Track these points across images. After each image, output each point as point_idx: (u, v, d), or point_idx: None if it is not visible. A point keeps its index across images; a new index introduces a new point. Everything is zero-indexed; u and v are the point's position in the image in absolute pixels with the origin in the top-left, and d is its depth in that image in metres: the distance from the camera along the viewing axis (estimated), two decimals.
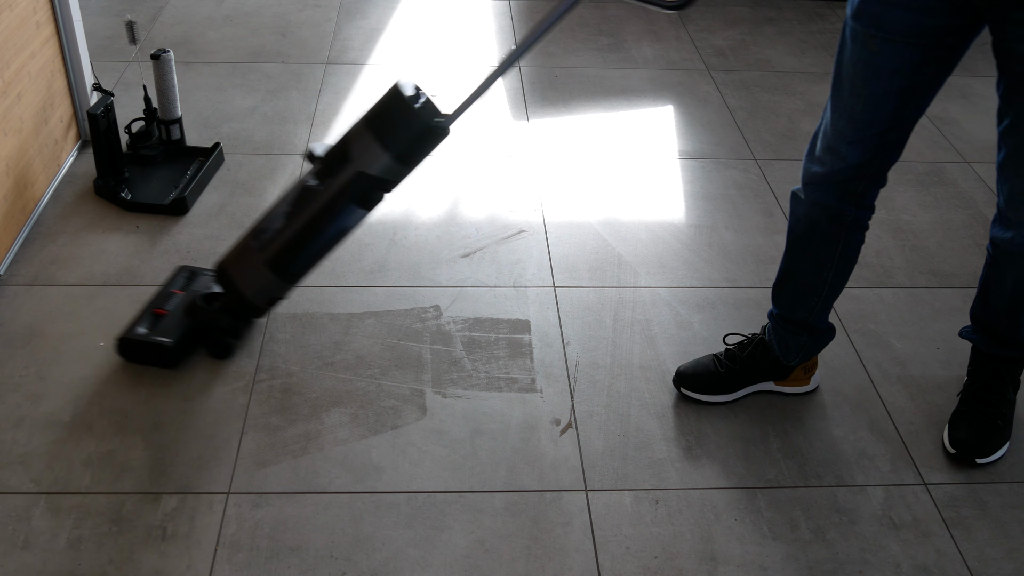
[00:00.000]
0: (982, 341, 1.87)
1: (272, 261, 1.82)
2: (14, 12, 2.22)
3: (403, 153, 1.70)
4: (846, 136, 1.64)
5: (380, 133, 1.68)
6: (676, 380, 1.96)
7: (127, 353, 1.94)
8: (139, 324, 1.96)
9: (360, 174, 1.71)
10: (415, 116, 1.67)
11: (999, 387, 1.86)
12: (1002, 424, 1.84)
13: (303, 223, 1.77)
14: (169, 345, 1.92)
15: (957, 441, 1.83)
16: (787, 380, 1.96)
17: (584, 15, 3.65)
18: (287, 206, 1.79)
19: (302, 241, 1.80)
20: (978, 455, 1.81)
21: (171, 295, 2.03)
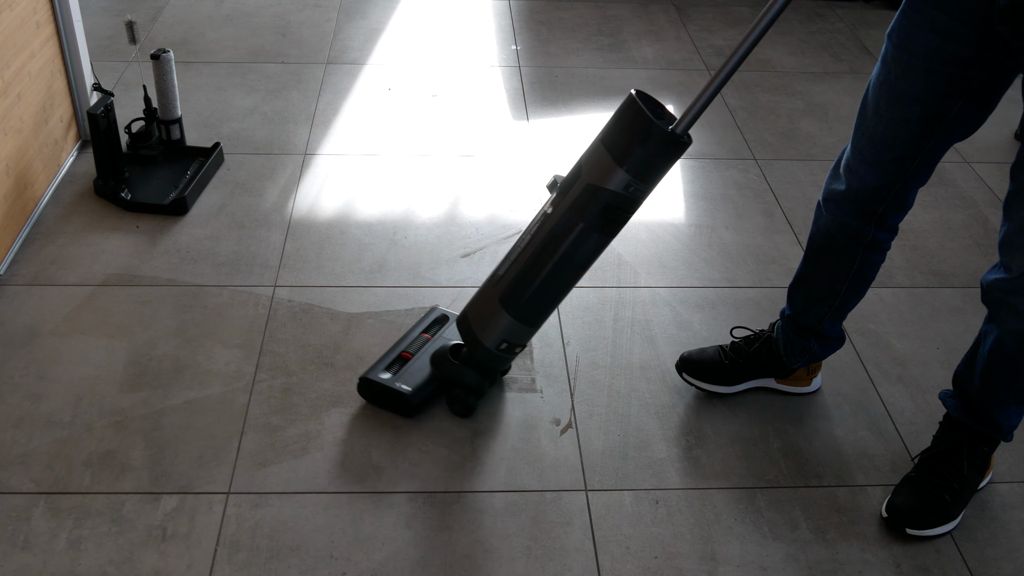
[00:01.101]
0: (954, 406, 1.73)
1: (504, 296, 1.71)
2: (14, 12, 2.22)
3: (638, 167, 1.55)
4: (866, 157, 1.63)
5: (612, 146, 1.54)
6: (679, 365, 1.95)
7: (367, 394, 1.87)
8: (384, 366, 1.88)
9: (590, 187, 1.57)
10: (648, 126, 1.51)
11: (955, 460, 1.71)
12: (950, 500, 1.68)
13: (534, 251, 1.66)
14: (408, 395, 1.83)
15: (893, 506, 1.70)
16: (789, 379, 1.96)
17: (584, 15, 3.65)
18: (523, 238, 1.70)
19: (533, 271, 1.67)
20: (911, 526, 1.67)
21: (422, 340, 1.95)
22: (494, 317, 1.74)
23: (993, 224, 2.54)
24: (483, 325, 1.76)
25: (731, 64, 1.50)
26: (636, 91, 1.55)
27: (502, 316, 1.73)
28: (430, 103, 3.01)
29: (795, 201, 2.60)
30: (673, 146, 1.55)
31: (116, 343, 2.00)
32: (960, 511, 1.71)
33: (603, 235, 1.64)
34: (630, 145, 1.54)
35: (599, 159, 1.57)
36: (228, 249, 2.30)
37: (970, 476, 1.72)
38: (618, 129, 1.57)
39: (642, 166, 1.55)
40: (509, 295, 1.71)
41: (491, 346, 1.77)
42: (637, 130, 1.53)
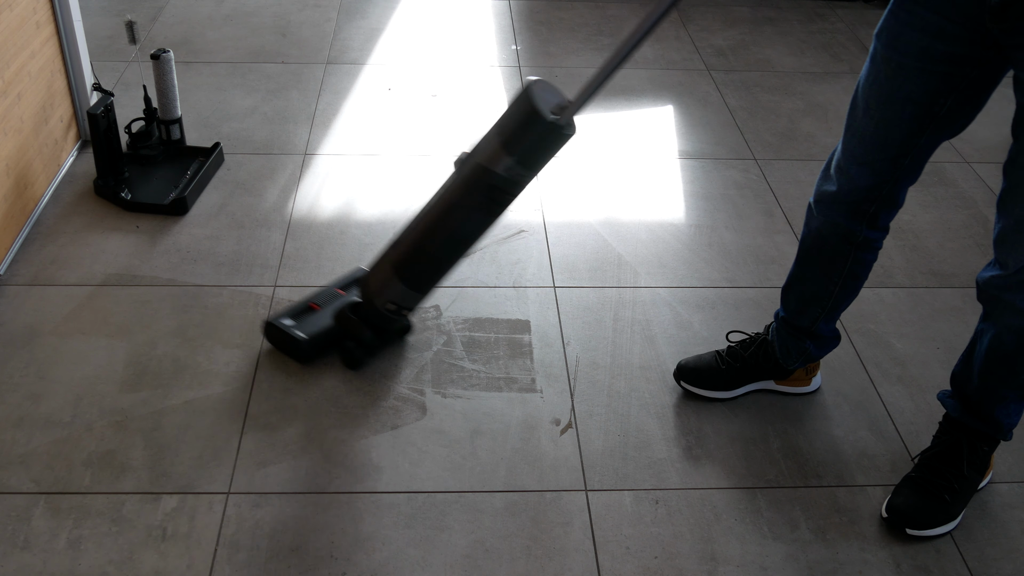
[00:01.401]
0: (953, 406, 1.73)
1: (396, 262, 1.83)
2: (14, 12, 2.22)
3: (524, 155, 1.63)
4: (856, 157, 1.62)
5: (501, 131, 1.63)
6: (677, 374, 1.96)
7: (269, 336, 2.00)
8: (289, 314, 2.00)
9: (479, 167, 1.66)
10: (535, 116, 1.58)
11: (955, 460, 1.71)
12: (949, 500, 1.68)
13: (427, 224, 1.77)
14: (303, 342, 1.95)
15: (892, 507, 1.70)
16: (788, 380, 1.96)
17: (584, 15, 3.65)
18: (423, 208, 1.79)
19: (423, 243, 1.79)
20: (911, 526, 1.67)
21: (333, 295, 2.05)
22: (387, 280, 1.85)
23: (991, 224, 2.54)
24: (376, 285, 1.88)
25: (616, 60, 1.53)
26: (536, 79, 1.63)
27: (392, 280, 1.84)
28: (430, 103, 3.01)
29: (795, 201, 2.60)
30: (554, 136, 1.61)
31: (116, 343, 2.00)
32: (960, 511, 1.71)
33: (486, 215, 1.74)
34: (515, 132, 1.62)
35: (488, 141, 1.66)
36: (228, 249, 2.30)
37: (970, 476, 1.72)
38: (509, 116, 1.64)
39: (525, 152, 1.64)
40: (401, 261, 1.83)
41: (379, 305, 1.89)
42: (524, 119, 1.60)
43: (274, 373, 1.95)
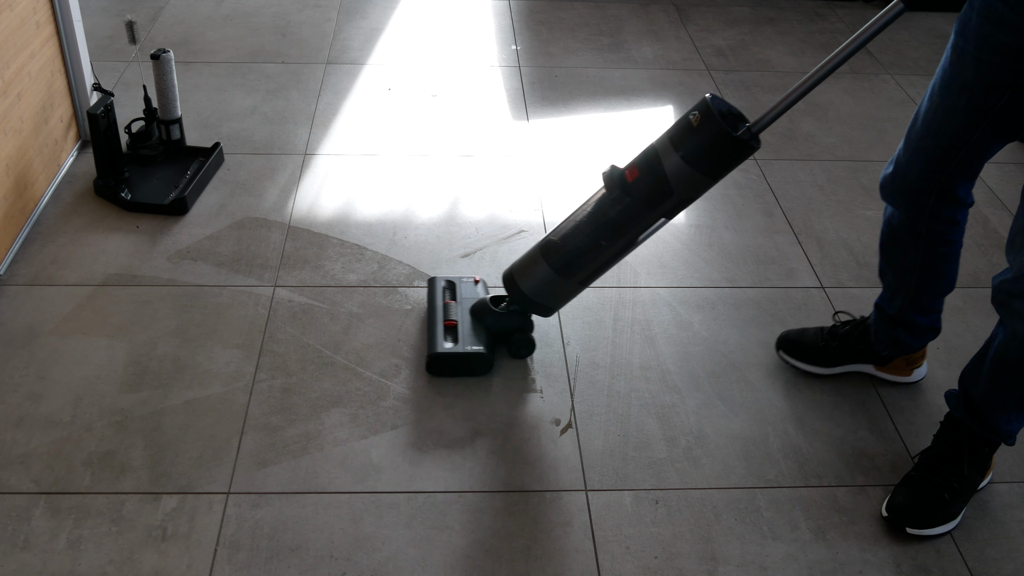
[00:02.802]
0: (956, 406, 1.74)
1: (545, 247, 1.87)
2: (14, 12, 2.22)
3: (720, 175, 1.70)
4: (911, 142, 1.66)
5: (703, 167, 1.67)
6: (778, 344, 2.02)
7: (440, 368, 1.95)
8: (442, 339, 1.96)
9: (683, 201, 1.73)
10: (735, 143, 1.63)
11: (956, 460, 1.71)
12: (949, 499, 1.69)
13: (622, 245, 1.80)
14: (486, 353, 1.94)
15: (892, 506, 1.70)
16: (888, 367, 1.99)
17: (584, 15, 3.65)
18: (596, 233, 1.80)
19: (573, 229, 1.83)
20: (911, 524, 1.68)
21: (449, 306, 2.04)
22: (533, 262, 1.89)
23: (993, 224, 2.54)
24: (522, 268, 1.91)
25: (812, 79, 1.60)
26: (710, 104, 1.64)
27: (539, 262, 1.87)
28: (430, 103, 3.01)
29: (795, 201, 2.60)
30: (749, 150, 1.67)
31: (116, 343, 2.00)
32: (960, 511, 1.71)
33: (644, 207, 1.76)
34: (717, 161, 1.67)
35: (695, 181, 1.69)
36: (228, 249, 2.30)
37: (970, 476, 1.72)
38: (705, 149, 1.66)
39: (723, 173, 1.71)
40: (549, 245, 1.87)
41: (525, 289, 1.91)
42: (722, 147, 1.65)
43: (274, 373, 1.95)
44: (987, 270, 2.37)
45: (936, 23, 3.71)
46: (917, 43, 3.56)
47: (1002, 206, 2.61)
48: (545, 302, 1.93)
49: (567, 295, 1.93)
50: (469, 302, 2.06)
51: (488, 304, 2.01)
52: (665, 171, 1.68)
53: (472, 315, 2.02)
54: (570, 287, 1.89)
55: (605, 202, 1.78)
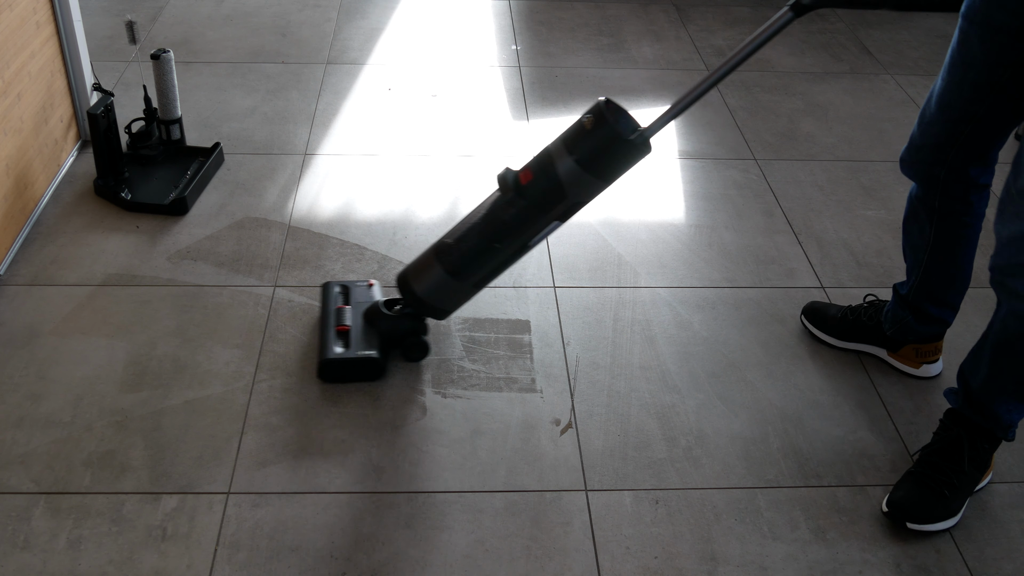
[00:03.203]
0: (955, 399, 1.76)
1: (439, 249, 1.85)
2: (14, 12, 2.22)
3: (612, 178, 1.72)
4: (926, 116, 1.74)
5: (596, 170, 1.68)
6: (803, 311, 2.14)
7: (331, 375, 1.92)
8: (333, 345, 1.93)
9: (575, 204, 1.74)
10: (627, 146, 1.66)
11: (956, 456, 1.72)
12: (949, 495, 1.69)
13: (516, 247, 1.80)
14: (378, 357, 1.92)
15: (893, 501, 1.71)
16: (898, 354, 2.03)
17: (584, 15, 3.65)
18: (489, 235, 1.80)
19: (468, 231, 1.83)
20: (911, 519, 1.68)
21: (342, 311, 2.01)
22: (427, 264, 1.86)
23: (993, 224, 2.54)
24: (415, 270, 1.89)
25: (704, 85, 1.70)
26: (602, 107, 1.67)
27: (433, 265, 1.85)
28: (430, 103, 3.01)
29: (795, 201, 2.60)
30: (641, 153, 1.70)
31: (116, 343, 2.00)
32: (960, 508, 1.71)
33: (537, 211, 1.76)
34: (610, 164, 1.69)
35: (587, 183, 1.70)
36: (228, 249, 2.30)
37: (970, 473, 1.72)
38: (599, 152, 1.68)
39: (616, 175, 1.73)
40: (443, 247, 1.85)
41: (419, 292, 1.89)
42: (615, 150, 1.67)
43: (274, 373, 1.95)
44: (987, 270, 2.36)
45: (936, 23, 3.72)
46: (917, 43, 3.56)
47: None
48: (439, 304, 1.91)
49: (461, 298, 1.91)
50: (363, 306, 2.02)
51: (380, 308, 1.98)
52: (558, 174, 1.69)
53: (365, 319, 1.99)
54: (464, 289, 1.88)
55: (499, 204, 1.78)
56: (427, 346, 1.98)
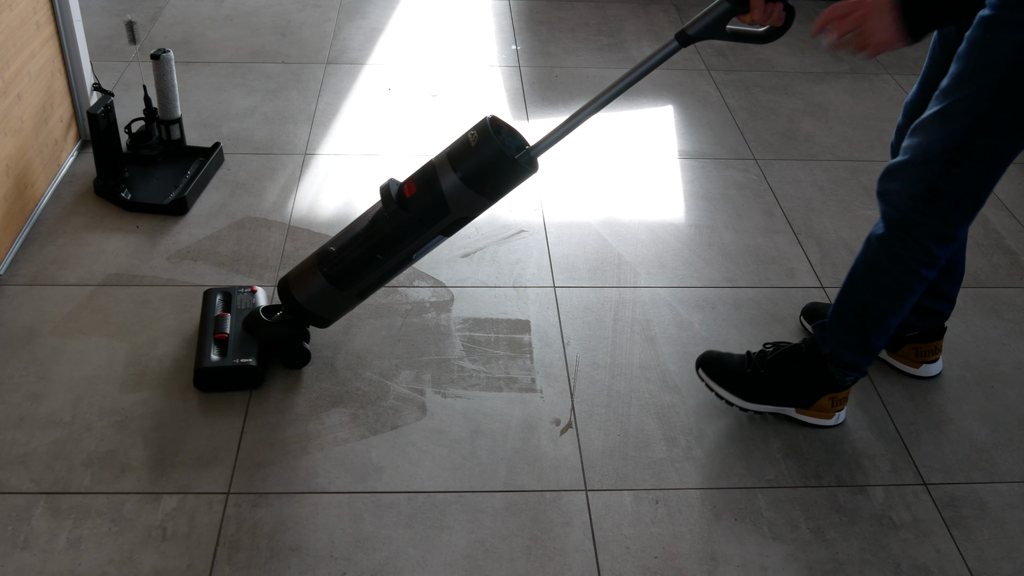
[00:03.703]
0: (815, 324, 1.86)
1: (321, 256, 1.82)
2: (14, 12, 2.22)
3: (497, 196, 1.72)
4: (908, 100, 1.81)
5: (480, 188, 1.68)
6: (802, 314, 2.14)
7: (207, 384, 1.89)
8: (208, 353, 1.90)
9: (460, 220, 1.73)
10: (512, 165, 1.65)
11: (783, 356, 1.86)
12: (749, 373, 1.86)
13: (398, 260, 1.79)
14: (255, 366, 1.89)
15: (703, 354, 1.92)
16: (897, 354, 2.02)
17: (584, 15, 3.65)
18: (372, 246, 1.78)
19: (392, 272, 1.82)
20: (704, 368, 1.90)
21: (222, 318, 1.98)
22: (309, 272, 1.84)
23: (993, 224, 2.54)
24: (297, 278, 1.86)
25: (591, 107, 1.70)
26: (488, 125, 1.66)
27: (315, 273, 1.83)
28: (430, 103, 3.01)
29: (795, 201, 2.60)
30: (526, 173, 1.70)
31: (116, 343, 2.00)
32: (753, 399, 1.86)
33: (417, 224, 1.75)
34: (494, 182, 1.68)
35: (471, 200, 1.70)
36: (228, 249, 2.30)
37: (778, 376, 1.84)
38: (482, 169, 1.67)
39: (501, 192, 1.72)
40: (324, 255, 1.82)
41: (300, 299, 1.86)
42: (499, 169, 1.66)
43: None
44: (987, 270, 2.37)
45: None
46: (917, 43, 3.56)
47: (1002, 206, 2.61)
48: (320, 313, 1.88)
49: (344, 306, 1.89)
50: (244, 313, 1.98)
51: (259, 314, 1.95)
52: (442, 189, 1.68)
53: (244, 327, 1.95)
54: (347, 298, 1.86)
55: (382, 216, 1.76)
56: (307, 353, 1.95)
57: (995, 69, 1.44)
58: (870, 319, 1.73)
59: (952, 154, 1.52)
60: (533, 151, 1.68)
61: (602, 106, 1.66)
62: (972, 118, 1.49)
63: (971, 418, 1.94)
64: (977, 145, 1.51)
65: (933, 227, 1.59)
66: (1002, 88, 1.45)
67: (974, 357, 2.10)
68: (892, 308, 1.71)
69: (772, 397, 1.87)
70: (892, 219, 1.63)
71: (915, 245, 1.61)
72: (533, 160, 1.69)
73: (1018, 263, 2.41)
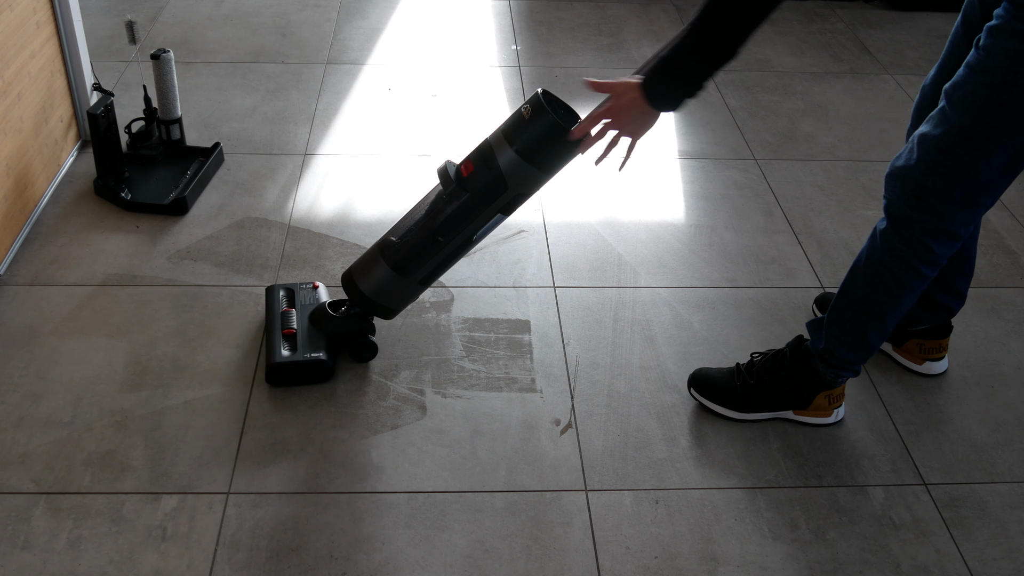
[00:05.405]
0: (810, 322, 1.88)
1: (383, 245, 1.84)
2: (14, 12, 2.22)
3: (554, 170, 1.74)
4: (917, 103, 1.79)
5: (536, 161, 1.69)
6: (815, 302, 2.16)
7: (280, 379, 1.90)
8: (281, 348, 1.91)
9: (518, 196, 1.75)
10: (567, 136, 1.66)
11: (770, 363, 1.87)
12: (740, 388, 1.87)
13: (460, 241, 1.81)
14: (326, 360, 1.90)
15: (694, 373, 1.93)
16: (902, 349, 2.02)
17: (584, 15, 3.65)
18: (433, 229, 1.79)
19: (454, 255, 1.84)
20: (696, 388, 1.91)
21: (288, 314, 1.99)
22: (372, 261, 1.86)
23: (993, 224, 2.54)
24: (361, 268, 1.88)
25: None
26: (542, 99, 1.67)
27: (378, 260, 1.85)
28: (430, 103, 3.01)
29: (795, 201, 2.60)
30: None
31: (116, 343, 2.00)
32: (747, 409, 1.87)
33: (480, 204, 1.78)
34: (550, 155, 1.70)
35: (529, 175, 1.71)
36: (228, 249, 2.30)
37: (768, 383, 1.85)
38: (540, 144, 1.69)
39: (558, 168, 1.75)
40: (387, 243, 1.85)
41: (365, 290, 1.88)
42: (555, 141, 1.67)
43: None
44: (987, 270, 2.37)
45: (936, 23, 3.72)
46: (917, 43, 3.56)
47: (1002, 206, 2.61)
48: (386, 303, 1.89)
49: (408, 296, 1.91)
50: (309, 308, 2.00)
51: (326, 309, 1.97)
52: (499, 165, 1.70)
53: (311, 321, 1.97)
54: (411, 286, 1.87)
55: (441, 198, 1.79)
56: (375, 346, 1.97)
57: (990, 74, 1.46)
58: (868, 315, 1.73)
59: (940, 154, 1.53)
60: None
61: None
62: (963, 121, 1.50)
63: (971, 418, 1.94)
64: (965, 148, 1.52)
65: (929, 224, 1.59)
66: (994, 94, 1.46)
67: (974, 357, 2.10)
68: (891, 305, 1.71)
69: (767, 405, 1.87)
70: (892, 214, 1.64)
71: (915, 242, 1.62)
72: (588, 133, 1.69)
73: (1018, 263, 2.41)
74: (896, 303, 1.70)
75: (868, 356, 1.80)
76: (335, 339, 1.95)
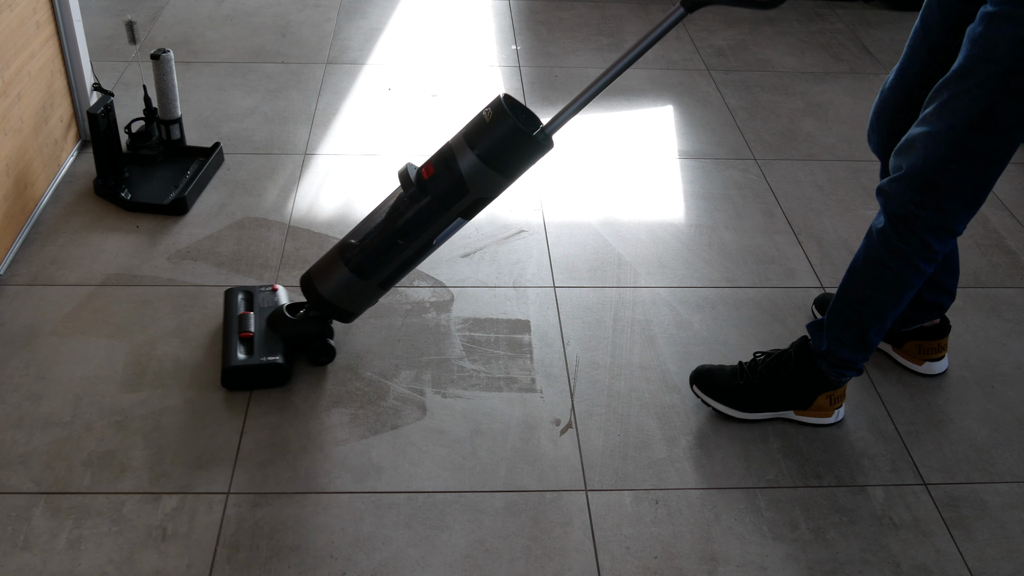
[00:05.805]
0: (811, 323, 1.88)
1: (343, 247, 1.82)
2: (14, 12, 2.22)
3: (515, 174, 1.73)
4: (885, 85, 1.79)
5: (497, 166, 1.68)
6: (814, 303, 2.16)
7: (236, 383, 1.89)
8: (235, 352, 1.90)
9: (479, 200, 1.74)
10: (529, 141, 1.66)
11: (773, 365, 1.87)
12: (743, 385, 1.87)
13: (420, 245, 1.79)
14: (281, 363, 1.89)
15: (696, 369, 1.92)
16: (902, 350, 2.01)
17: (584, 15, 3.65)
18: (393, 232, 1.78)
19: (414, 258, 1.82)
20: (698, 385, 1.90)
21: (245, 317, 1.98)
22: (332, 264, 1.84)
23: (993, 224, 2.54)
24: (320, 271, 1.86)
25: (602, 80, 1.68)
26: (503, 104, 1.67)
27: (338, 264, 1.83)
28: (430, 103, 3.01)
29: (795, 201, 2.60)
30: (542, 149, 1.71)
31: (116, 343, 2.00)
32: (751, 409, 1.86)
33: (439, 207, 1.76)
34: (511, 159, 1.69)
35: (490, 179, 1.71)
36: (228, 249, 2.30)
37: (772, 384, 1.85)
38: (501, 148, 1.68)
39: (519, 172, 1.74)
40: (346, 246, 1.82)
41: (352, 308, 1.89)
42: (516, 145, 1.67)
43: None
44: (987, 270, 2.37)
45: None
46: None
47: (1002, 206, 2.61)
48: (345, 306, 1.88)
49: (367, 299, 1.89)
50: (268, 311, 1.99)
51: (283, 312, 1.96)
52: (460, 168, 1.69)
53: (268, 324, 1.95)
54: (370, 289, 1.85)
55: (402, 200, 1.77)
56: (333, 350, 1.95)
57: (996, 63, 1.45)
58: (868, 314, 1.73)
59: (950, 149, 1.53)
60: (548, 128, 1.69)
61: (612, 79, 1.68)
62: (972, 112, 1.49)
63: (971, 418, 1.94)
64: (975, 140, 1.51)
65: (933, 221, 1.59)
66: (1002, 83, 1.45)
67: (974, 357, 2.10)
68: (891, 303, 1.71)
69: (769, 405, 1.87)
70: (892, 212, 1.63)
71: (914, 239, 1.62)
72: (548, 137, 1.69)
73: (1018, 263, 2.41)
74: (897, 301, 1.71)
75: (869, 354, 1.80)
76: (292, 342, 1.94)
